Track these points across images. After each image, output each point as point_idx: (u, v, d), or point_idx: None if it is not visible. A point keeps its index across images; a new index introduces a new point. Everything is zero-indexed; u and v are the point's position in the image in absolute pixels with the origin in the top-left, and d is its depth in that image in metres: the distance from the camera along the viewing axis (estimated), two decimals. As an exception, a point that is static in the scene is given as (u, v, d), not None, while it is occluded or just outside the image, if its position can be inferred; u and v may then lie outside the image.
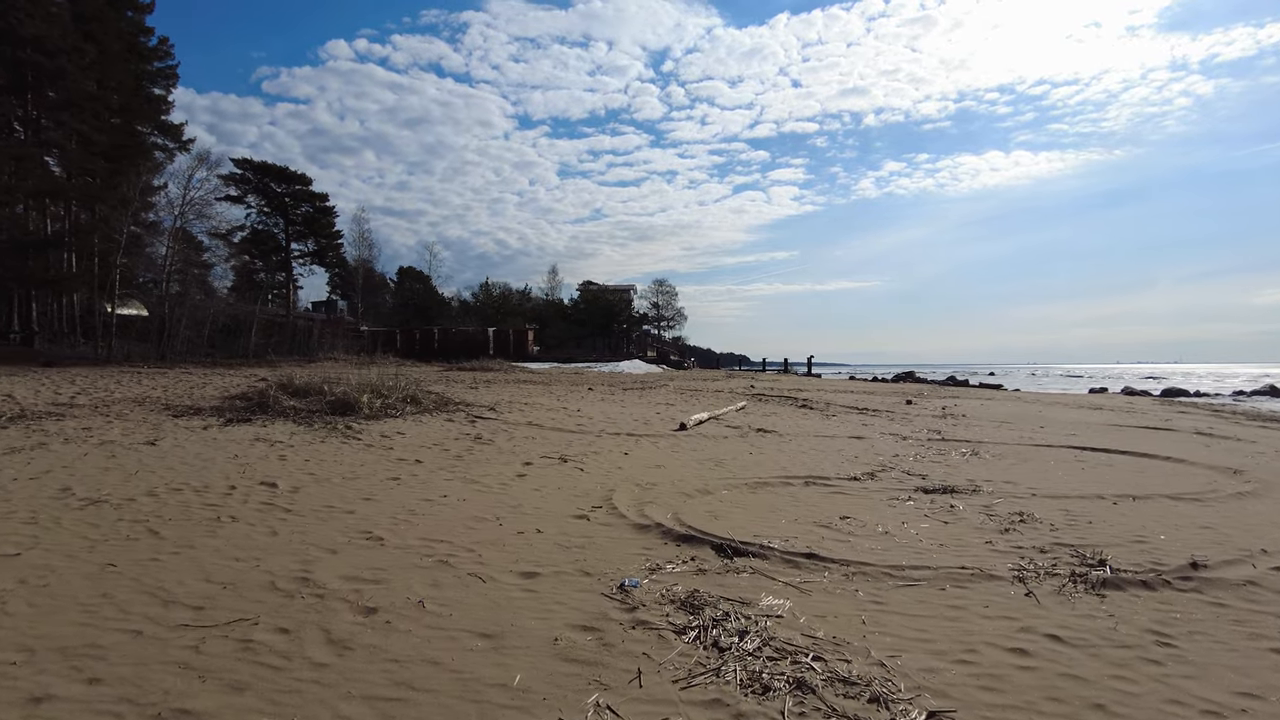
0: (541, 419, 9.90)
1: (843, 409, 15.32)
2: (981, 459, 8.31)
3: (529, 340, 48.61)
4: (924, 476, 6.93)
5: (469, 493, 5.29)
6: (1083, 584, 3.65)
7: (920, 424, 12.55)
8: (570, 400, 13.51)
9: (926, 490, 6.14)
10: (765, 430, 10.21)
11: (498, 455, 6.91)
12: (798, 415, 13.22)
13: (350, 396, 8.97)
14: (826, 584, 3.56)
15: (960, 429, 11.97)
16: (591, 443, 8.05)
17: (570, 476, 6.06)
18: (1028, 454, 8.95)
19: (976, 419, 14.26)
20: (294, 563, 3.53)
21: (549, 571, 3.54)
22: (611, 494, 5.38)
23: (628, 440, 8.46)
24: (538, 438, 8.21)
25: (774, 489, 6.03)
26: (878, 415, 14.05)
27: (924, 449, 9.02)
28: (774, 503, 5.43)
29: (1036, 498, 5.97)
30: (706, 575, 3.60)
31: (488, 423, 9.14)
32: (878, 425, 11.93)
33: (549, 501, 5.10)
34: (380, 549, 3.83)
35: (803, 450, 8.45)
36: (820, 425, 11.52)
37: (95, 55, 29.32)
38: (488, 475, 5.95)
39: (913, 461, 7.92)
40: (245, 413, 8.50)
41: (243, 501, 4.72)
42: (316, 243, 64.59)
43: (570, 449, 7.50)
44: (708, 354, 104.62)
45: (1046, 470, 7.59)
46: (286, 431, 7.58)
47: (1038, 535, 4.66)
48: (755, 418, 12.28)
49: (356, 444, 7.15)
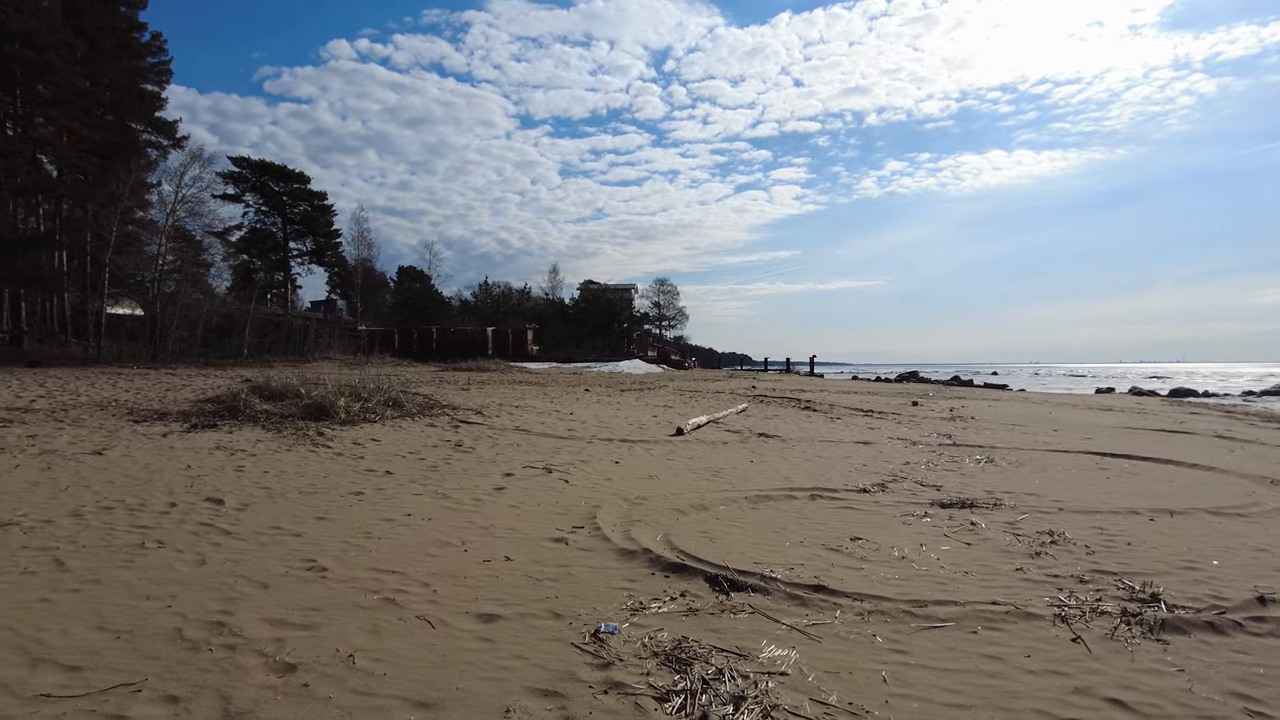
0: (530, 423, 9.37)
1: (847, 411, 14.79)
2: (998, 467, 7.77)
3: (528, 340, 48.11)
4: (939, 488, 6.40)
5: (437, 510, 4.77)
6: (1138, 626, 3.12)
7: (929, 427, 12.01)
8: (564, 403, 12.98)
9: (943, 504, 5.61)
10: (767, 435, 9.68)
11: (477, 465, 6.39)
12: (801, 418, 12.70)
13: (326, 400, 8.46)
14: (839, 626, 3.03)
15: (971, 433, 11.44)
16: (581, 450, 7.53)
17: (553, 490, 5.53)
18: (1045, 460, 8.41)
19: (987, 421, 13.73)
20: (214, 601, 3.01)
21: (513, 613, 3.01)
22: (596, 511, 4.85)
23: (620, 447, 7.94)
24: (523, 445, 7.68)
25: (776, 503, 5.51)
26: (884, 418, 13.52)
27: (936, 455, 8.49)
28: (777, 520, 4.91)
29: (1064, 513, 5.44)
30: (698, 616, 3.07)
31: (471, 428, 8.62)
32: (885, 429, 11.40)
33: (525, 521, 4.57)
34: (321, 582, 3.31)
35: (807, 457, 7.92)
36: (825, 429, 10.99)
37: (86, 51, 28.86)
38: (462, 489, 5.42)
39: (925, 470, 7.39)
40: (213, 418, 7.99)
41: (178, 522, 4.20)
42: (315, 241, 64.20)
43: (557, 458, 6.97)
44: (709, 354, 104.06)
45: (1069, 480, 7.06)
46: (252, 439, 7.07)
47: (1073, 560, 4.13)
48: (756, 421, 11.76)
49: (325, 452, 6.63)
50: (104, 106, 30.25)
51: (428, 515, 4.61)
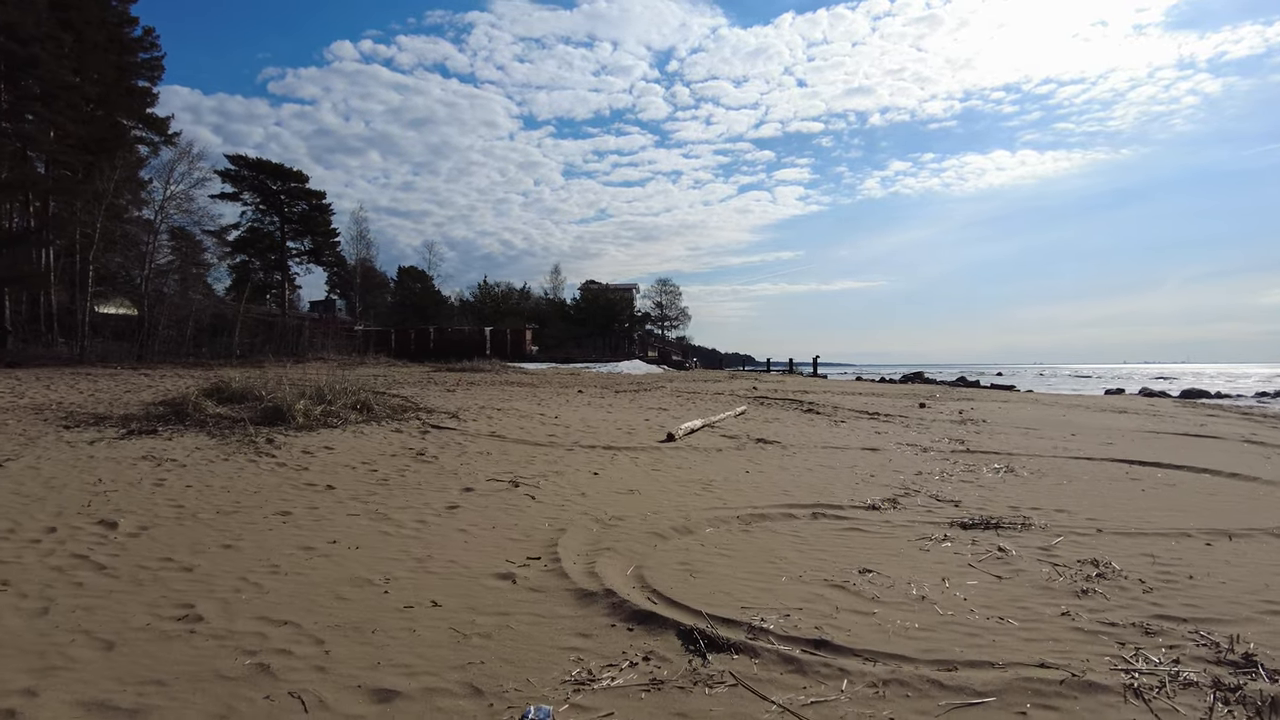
0: (508, 428, 8.65)
1: (852, 414, 14.05)
2: (1019, 477, 7.04)
3: (526, 340, 47.44)
4: (957, 503, 5.67)
5: (370, 536, 4.05)
6: (1240, 707, 2.39)
7: (939, 431, 11.27)
8: (552, 405, 12.27)
9: (965, 525, 4.88)
10: (766, 441, 8.95)
11: (435, 478, 5.67)
12: (803, 422, 11.96)
13: (284, 404, 7.75)
14: (846, 706, 2.31)
15: (985, 437, 10.69)
16: (559, 459, 6.81)
17: (515, 509, 4.81)
18: (1070, 470, 7.67)
19: (999, 425, 12.98)
20: (22, 673, 2.30)
21: (419, 688, 2.30)
22: (560, 536, 4.13)
23: (603, 455, 7.21)
24: (494, 453, 6.97)
25: (773, 524, 4.78)
26: (891, 421, 12.78)
27: (950, 464, 7.75)
28: (772, 546, 4.18)
29: (1105, 535, 4.70)
30: (662, 692, 2.35)
31: (441, 434, 7.90)
32: (892, 433, 10.66)
33: (472, 550, 3.86)
34: (186, 640, 2.60)
35: (809, 467, 7.19)
36: (828, 434, 10.26)
37: (72, 44, 28.26)
38: (408, 508, 4.71)
39: (939, 482, 6.65)
40: (157, 422, 7.30)
41: (46, 554, 3.50)
42: (313, 241, 63.70)
43: (528, 468, 6.25)
44: (712, 354, 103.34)
45: (1101, 493, 6.32)
46: (190, 446, 6.37)
47: (1129, 600, 3.40)
48: (756, 425, 11.03)
49: (267, 462, 5.93)
50: (92, 101, 29.66)
51: (356, 542, 3.90)
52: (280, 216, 60.43)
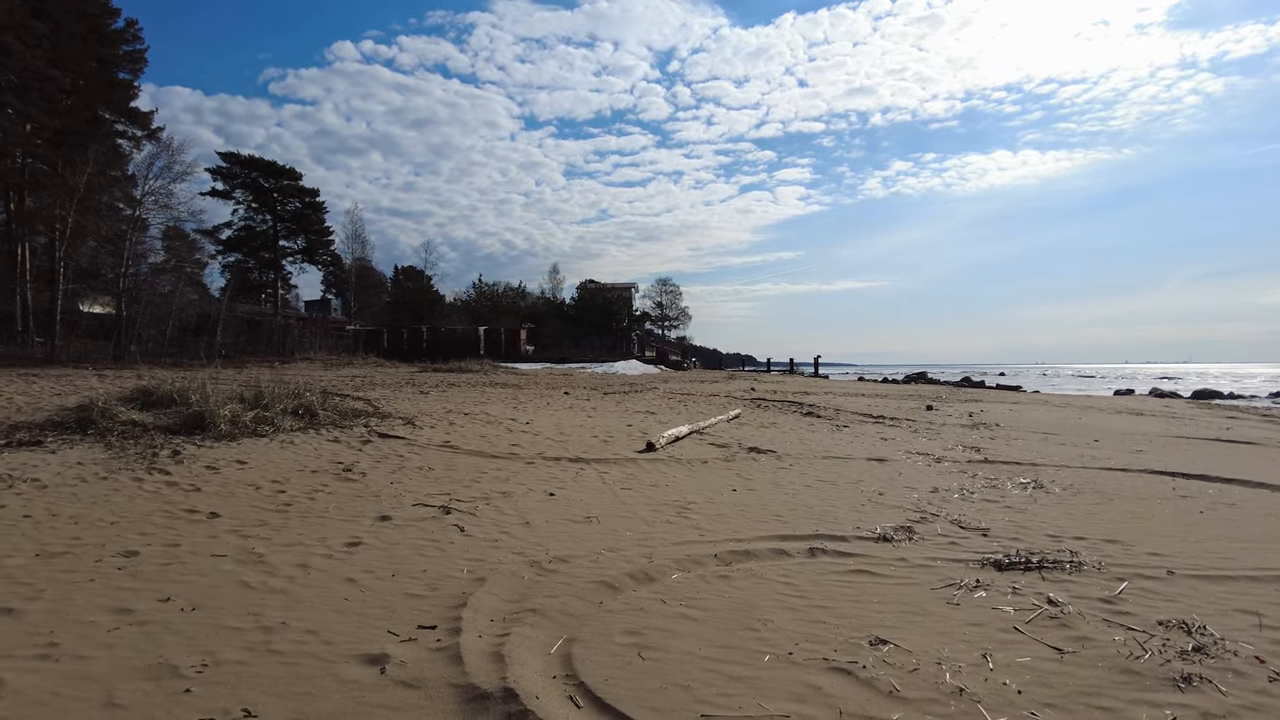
0: (466, 437, 7.67)
1: (855, 417, 13.06)
2: (1051, 495, 6.05)
3: (521, 340, 46.50)
4: (985, 531, 4.68)
5: (223, 590, 3.06)
6: None
7: (951, 437, 10.28)
8: (529, 409, 11.29)
9: (999, 563, 3.89)
10: (759, 450, 7.96)
11: (351, 502, 4.69)
12: (802, 427, 10.97)
13: (208, 409, 6.78)
14: None
15: (1001, 444, 9.70)
16: (512, 476, 5.82)
17: (433, 546, 3.83)
18: (1106, 484, 6.68)
19: (1014, 429, 11.98)
20: None
21: None
22: (477, 590, 3.15)
23: (567, 470, 6.23)
24: (439, 468, 5.99)
25: (760, 563, 3.80)
26: (897, 425, 11.78)
27: (968, 478, 6.76)
28: (755, 602, 3.19)
29: (1180, 579, 3.71)
30: None
31: (386, 444, 6.93)
32: (900, 440, 9.67)
33: (349, 613, 2.87)
34: None
35: (807, 483, 6.20)
36: (829, 441, 9.26)
37: (48, 34, 27.34)
38: (296, 545, 3.73)
39: (960, 501, 5.66)
40: (52, 431, 6.33)
41: None
42: (307, 239, 62.90)
43: (471, 488, 5.27)
44: (713, 354, 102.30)
45: (1153, 516, 5.33)
46: (71, 461, 5.40)
47: (1254, 696, 2.41)
48: (750, 431, 10.04)
49: (156, 481, 4.95)
50: (69, 93, 28.75)
51: (198, 600, 2.91)
52: (273, 215, 59.62)
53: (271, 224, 61.05)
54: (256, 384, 8.55)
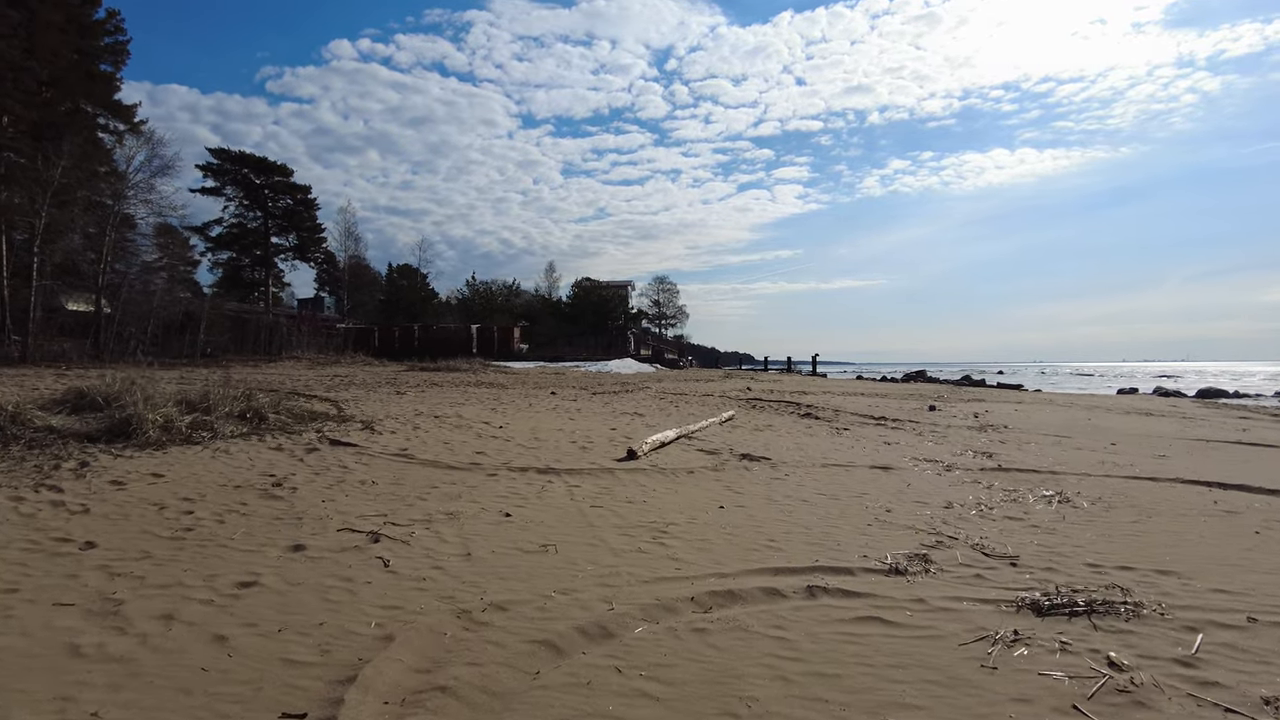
0: (427, 444, 6.93)
1: (856, 419, 12.36)
2: (1079, 510, 5.35)
3: (515, 338, 45.74)
4: (1013, 560, 3.97)
5: (36, 662, 2.31)
6: None
7: (958, 440, 9.58)
8: (507, 411, 10.57)
9: (1039, 607, 3.18)
10: (752, 457, 7.25)
11: (267, 526, 3.97)
12: (799, 430, 10.26)
13: (135, 414, 6.05)
14: None
15: (1013, 448, 9.01)
16: (468, 491, 5.10)
17: (343, 587, 3.11)
18: (1138, 496, 5.98)
19: (1023, 431, 11.29)
20: None
21: None
22: (379, 654, 2.43)
23: (534, 482, 5.51)
24: (384, 482, 5.26)
25: (747, 608, 3.09)
26: (900, 428, 11.08)
27: (984, 489, 6.06)
28: (737, 669, 2.48)
29: (1263, 626, 3.01)
30: None
31: (334, 452, 6.20)
32: (905, 444, 8.96)
33: (195, 695, 2.14)
34: None
35: (805, 497, 5.49)
36: (829, 446, 8.55)
37: (22, 21, 26.52)
38: (177, 585, 3.01)
39: (978, 519, 4.95)
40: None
41: None
42: (298, 236, 62.13)
43: (415, 507, 4.54)
44: (711, 353, 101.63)
45: (1202, 537, 4.63)
46: (-50, 477, 4.68)
47: None
48: (743, 434, 9.32)
49: (40, 499, 4.22)
50: (45, 84, 27.94)
51: (-8, 679, 2.19)
52: (264, 211, 58.84)
53: (263, 221, 60.32)
54: (206, 384, 7.82)
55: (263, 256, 59.86)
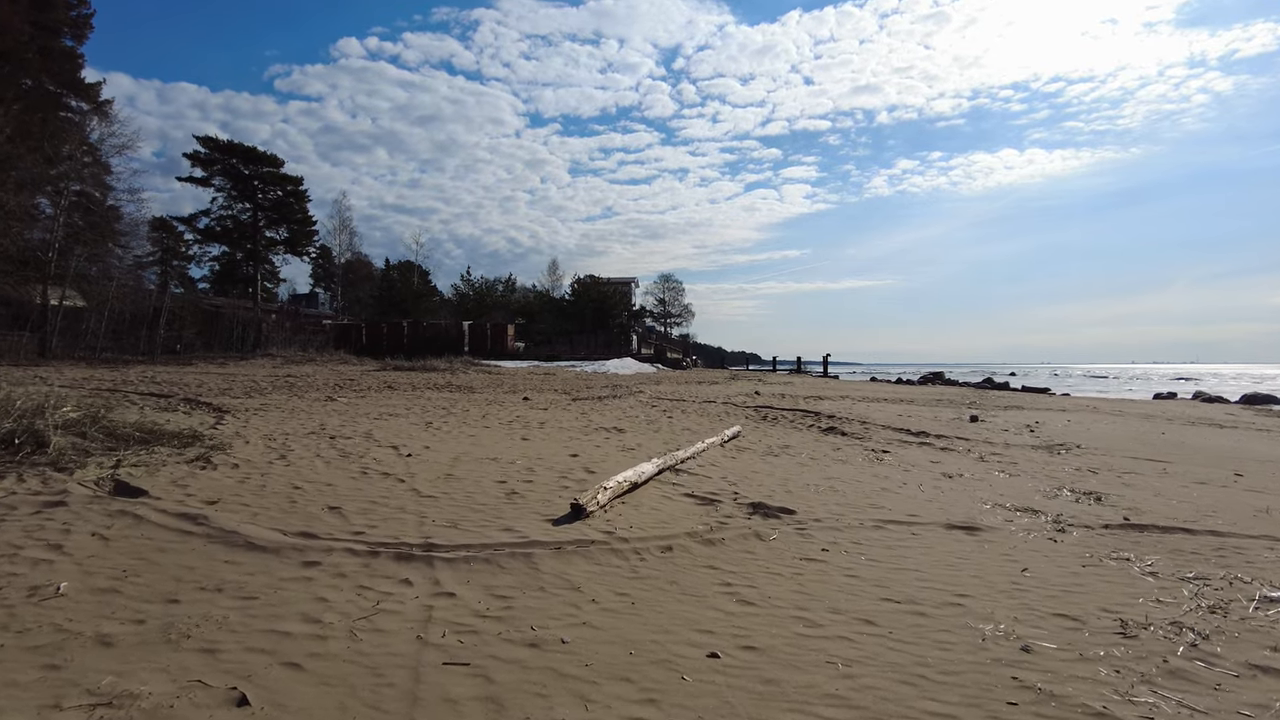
0: (263, 489, 4.57)
1: (889, 434, 9.97)
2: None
3: (509, 336, 43.42)
4: None
5: None
6: None
7: (1033, 468, 7.17)
8: (445, 426, 8.23)
9: None
10: (768, 510, 4.87)
11: None
12: (826, 452, 7.87)
13: None
14: None
15: (1115, 482, 6.60)
16: (208, 619, 2.75)
17: None
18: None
19: (1102, 453, 8.87)
20: None
21: None
22: None
23: (376, 583, 3.16)
24: (87, 589, 2.93)
25: None
26: (950, 447, 8.67)
27: (1151, 580, 3.66)
28: None
29: None
30: None
31: (90, 510, 3.87)
32: (969, 474, 6.55)
33: None
34: None
35: (861, 609, 3.12)
36: (871, 482, 6.16)
37: (-35, -12, 24.37)
38: None
39: (1208, 677, 2.57)
40: None
41: None
42: (289, 230, 59.99)
43: (65, 671, 2.21)
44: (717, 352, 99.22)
45: None
46: None
47: None
48: (752, 461, 6.95)
49: None
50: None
51: None
52: (253, 203, 56.72)
53: (252, 213, 58.21)
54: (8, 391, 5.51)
55: (252, 250, 57.74)
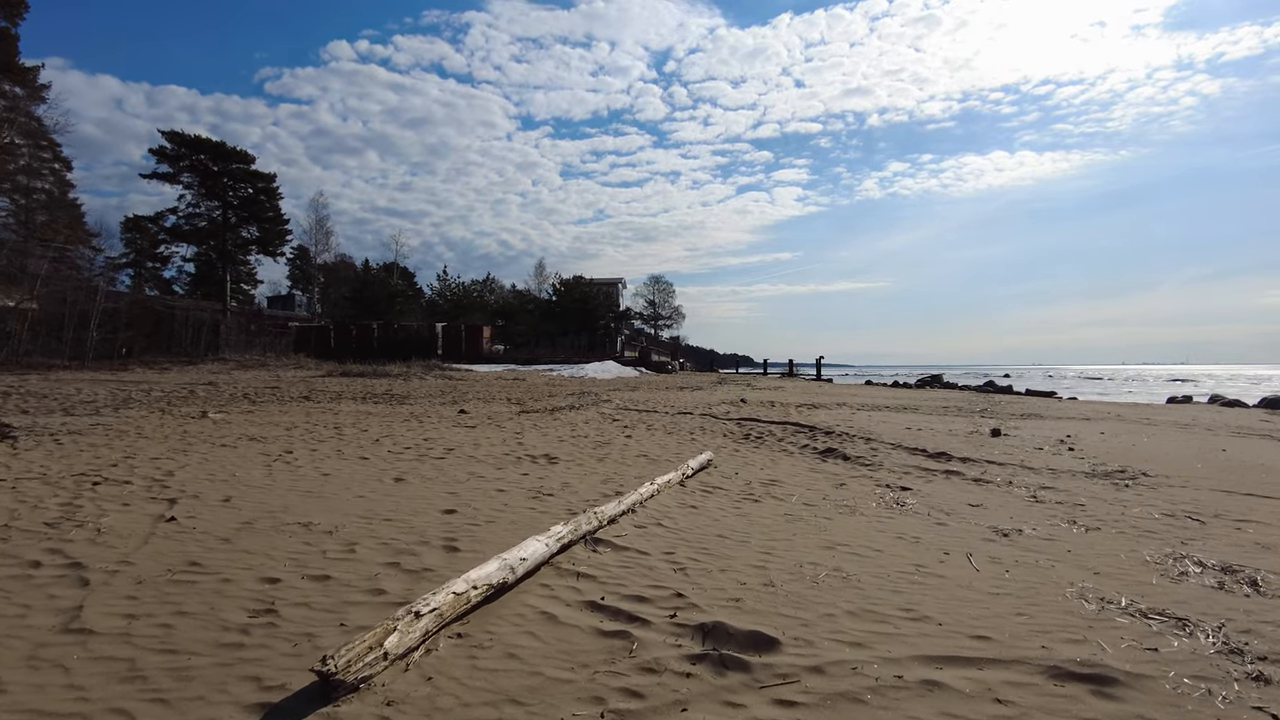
0: None
1: (899, 454, 7.90)
2: None
3: (484, 338, 41.21)
4: None
5: None
6: None
7: (1099, 507, 5.11)
8: (318, 452, 6.11)
9: None
10: (727, 638, 2.77)
11: None
12: (825, 490, 5.78)
13: None
14: None
15: (1231, 531, 4.55)
16: None
17: None
18: None
19: (1176, 482, 6.83)
20: None
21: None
22: None
23: None
24: None
25: None
26: (987, 478, 6.59)
27: None
28: None
29: None
30: None
31: None
32: (1029, 528, 4.48)
33: None
34: None
35: None
36: (890, 541, 4.07)
37: None
38: None
39: None
40: None
41: None
42: (260, 229, 57.52)
43: None
44: (708, 354, 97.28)
45: None
46: None
47: None
48: (719, 512, 4.85)
49: None
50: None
51: None
52: (222, 201, 54.28)
53: (222, 211, 55.75)
54: None
55: (222, 250, 55.25)
